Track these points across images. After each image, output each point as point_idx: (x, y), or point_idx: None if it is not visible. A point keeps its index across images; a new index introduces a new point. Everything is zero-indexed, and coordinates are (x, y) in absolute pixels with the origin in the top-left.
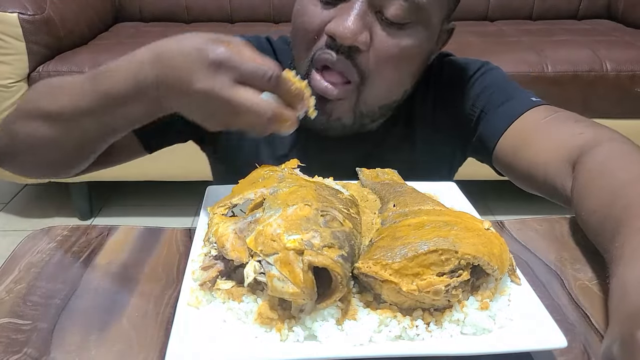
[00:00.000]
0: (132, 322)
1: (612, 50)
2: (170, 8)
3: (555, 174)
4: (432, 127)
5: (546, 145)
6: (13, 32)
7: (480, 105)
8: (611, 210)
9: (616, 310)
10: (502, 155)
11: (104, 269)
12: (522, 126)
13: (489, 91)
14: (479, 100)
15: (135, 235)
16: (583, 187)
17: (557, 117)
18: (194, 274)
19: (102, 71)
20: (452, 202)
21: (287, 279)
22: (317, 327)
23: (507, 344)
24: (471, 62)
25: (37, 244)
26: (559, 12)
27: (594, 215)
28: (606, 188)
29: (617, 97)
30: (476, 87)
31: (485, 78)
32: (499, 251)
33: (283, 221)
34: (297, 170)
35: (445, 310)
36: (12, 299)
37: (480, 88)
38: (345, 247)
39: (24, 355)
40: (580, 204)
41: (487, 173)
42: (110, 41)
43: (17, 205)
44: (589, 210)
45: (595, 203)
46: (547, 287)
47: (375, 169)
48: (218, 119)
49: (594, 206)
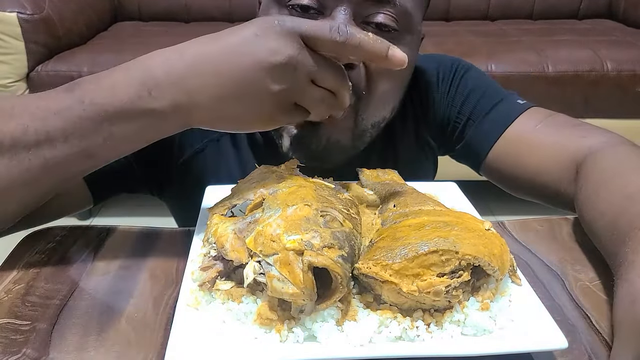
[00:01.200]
0: (131, 323)
1: (613, 50)
2: (169, 7)
3: (557, 179)
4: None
5: (546, 150)
6: (12, 31)
7: (466, 113)
8: (624, 215)
9: (626, 316)
10: (495, 163)
11: (103, 270)
12: (515, 133)
13: (475, 97)
14: (465, 108)
15: (134, 235)
16: (593, 188)
17: (551, 121)
18: (193, 275)
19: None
20: (453, 202)
21: (287, 279)
22: (317, 327)
23: (507, 345)
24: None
25: (36, 244)
26: (559, 11)
27: (603, 218)
28: (619, 191)
29: (618, 97)
30: (459, 93)
31: (466, 82)
32: (499, 252)
33: (283, 221)
34: (297, 170)
35: (445, 311)
36: (10, 300)
37: (463, 94)
38: (345, 248)
39: (23, 355)
40: (588, 207)
41: None
42: (109, 40)
43: None
44: (598, 212)
45: (606, 206)
46: (547, 287)
47: (375, 169)
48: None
49: (604, 209)
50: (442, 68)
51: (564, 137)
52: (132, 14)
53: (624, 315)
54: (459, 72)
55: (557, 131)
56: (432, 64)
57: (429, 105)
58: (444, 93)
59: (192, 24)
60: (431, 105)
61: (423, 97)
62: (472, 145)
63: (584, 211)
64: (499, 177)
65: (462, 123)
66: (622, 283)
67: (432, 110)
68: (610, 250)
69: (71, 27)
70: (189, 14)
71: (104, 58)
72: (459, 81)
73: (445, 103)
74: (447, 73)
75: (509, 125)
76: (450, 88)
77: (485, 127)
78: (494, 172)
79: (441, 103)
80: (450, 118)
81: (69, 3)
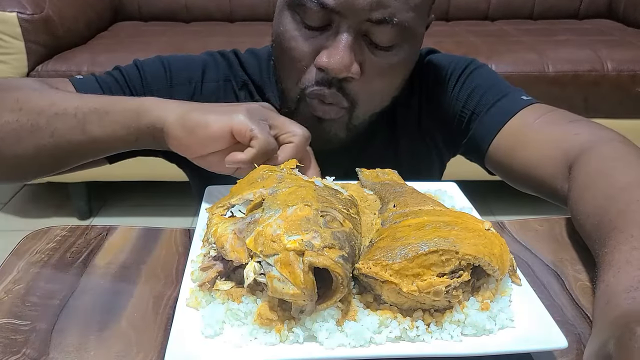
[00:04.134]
0: (131, 323)
1: (613, 50)
2: (169, 7)
3: (552, 175)
4: (417, 131)
5: (541, 145)
6: (12, 31)
7: (471, 107)
8: (606, 215)
9: (602, 314)
10: (495, 156)
11: (103, 270)
12: (515, 126)
13: (480, 91)
14: (470, 101)
15: (134, 235)
16: (580, 189)
17: (550, 117)
18: (193, 275)
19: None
20: (453, 202)
21: (288, 279)
22: (317, 328)
23: (507, 345)
24: (456, 60)
25: (36, 244)
26: (559, 11)
27: (589, 219)
28: (603, 192)
29: (618, 97)
30: (465, 87)
31: (473, 77)
32: (499, 252)
33: (283, 222)
34: (296, 171)
35: (445, 311)
36: (10, 300)
37: (469, 89)
38: (345, 248)
39: (23, 355)
40: (577, 207)
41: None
42: (109, 40)
43: (15, 205)
44: (584, 213)
45: (591, 207)
46: (547, 287)
47: (375, 169)
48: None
49: (590, 210)
50: (454, 65)
51: (559, 134)
52: (132, 13)
53: (599, 314)
54: (469, 68)
55: (554, 127)
56: (447, 61)
57: (434, 96)
58: (451, 87)
59: (192, 24)
60: (436, 97)
61: (430, 88)
62: (475, 138)
63: (574, 213)
64: (501, 171)
65: (467, 117)
66: (599, 284)
67: (437, 101)
68: (595, 251)
69: (71, 27)
70: (189, 14)
71: (104, 58)
72: (466, 77)
73: (450, 97)
74: (457, 69)
75: (510, 119)
76: (457, 83)
77: (488, 120)
78: (496, 165)
79: (446, 96)
80: (455, 112)
81: (69, 3)
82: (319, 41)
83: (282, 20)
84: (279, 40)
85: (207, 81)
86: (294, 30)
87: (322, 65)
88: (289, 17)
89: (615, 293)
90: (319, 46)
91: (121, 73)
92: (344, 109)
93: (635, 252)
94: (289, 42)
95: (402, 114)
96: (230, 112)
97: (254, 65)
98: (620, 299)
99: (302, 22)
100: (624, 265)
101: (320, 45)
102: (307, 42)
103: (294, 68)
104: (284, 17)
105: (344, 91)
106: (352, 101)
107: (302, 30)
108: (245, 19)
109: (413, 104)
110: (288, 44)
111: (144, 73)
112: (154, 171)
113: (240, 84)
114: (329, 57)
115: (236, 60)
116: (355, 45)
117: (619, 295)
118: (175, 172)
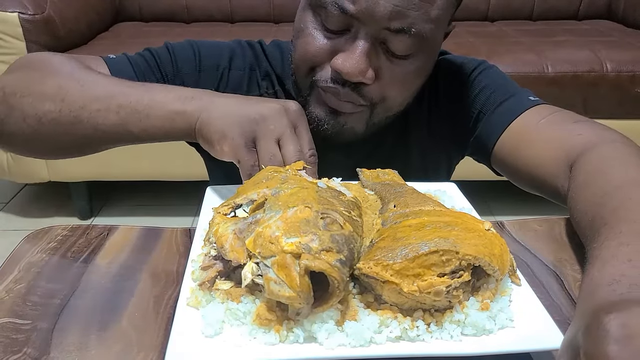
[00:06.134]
0: (131, 322)
1: (612, 50)
2: (170, 8)
3: (554, 175)
4: (427, 130)
5: (544, 145)
6: (13, 31)
7: (478, 106)
8: (599, 212)
9: (580, 305)
10: (500, 156)
11: (103, 269)
12: (520, 126)
13: (488, 91)
14: (477, 101)
15: (135, 235)
16: (578, 188)
17: (555, 117)
18: (193, 274)
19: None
20: (452, 202)
21: (284, 282)
22: (316, 329)
23: (507, 345)
24: (467, 61)
25: (37, 243)
26: (559, 12)
27: (585, 216)
28: (599, 190)
29: (618, 97)
30: (474, 87)
31: (482, 78)
32: (499, 252)
33: (282, 223)
34: (303, 172)
35: (446, 311)
36: (11, 299)
37: (478, 88)
38: (343, 251)
39: (24, 355)
40: (574, 205)
41: (487, 173)
42: (110, 41)
43: (17, 204)
44: (581, 211)
45: (587, 204)
46: (546, 287)
47: (375, 170)
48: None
49: (586, 207)
50: (465, 66)
51: (562, 134)
52: (133, 14)
53: (579, 306)
54: (479, 69)
55: (558, 127)
56: (459, 62)
57: (444, 96)
58: (461, 87)
59: (193, 25)
60: (446, 97)
61: (441, 89)
62: (482, 137)
63: (572, 212)
64: (505, 170)
65: (475, 115)
66: (584, 278)
67: (447, 101)
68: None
69: (72, 28)
70: (189, 15)
71: None
72: (476, 77)
73: (460, 96)
74: (467, 70)
75: (515, 119)
76: (467, 83)
77: (494, 120)
78: (501, 164)
79: (456, 96)
80: (464, 111)
81: (70, 3)
82: (336, 43)
83: (303, 17)
84: (298, 36)
85: (233, 69)
86: (313, 29)
87: (337, 68)
88: (310, 16)
89: (597, 286)
90: (336, 48)
91: (152, 55)
92: (361, 106)
93: (623, 247)
94: (307, 38)
95: (413, 114)
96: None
97: (277, 57)
98: (602, 291)
99: (322, 24)
100: (610, 259)
101: (337, 47)
102: (325, 42)
103: (308, 64)
104: (305, 15)
105: (360, 92)
106: (370, 101)
107: (322, 31)
108: (245, 19)
109: (424, 104)
110: (306, 40)
111: (174, 57)
112: (155, 171)
113: (263, 74)
114: (345, 60)
115: (261, 50)
116: (371, 52)
117: (601, 288)
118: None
